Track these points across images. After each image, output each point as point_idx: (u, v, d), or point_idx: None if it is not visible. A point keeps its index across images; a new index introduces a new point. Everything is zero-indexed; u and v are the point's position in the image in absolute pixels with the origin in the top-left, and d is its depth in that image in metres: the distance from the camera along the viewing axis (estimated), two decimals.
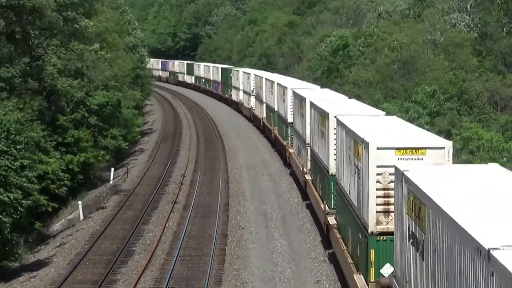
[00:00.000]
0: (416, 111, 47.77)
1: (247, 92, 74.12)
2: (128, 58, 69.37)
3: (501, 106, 50.65)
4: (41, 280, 29.07)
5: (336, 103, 32.86)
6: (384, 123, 25.22)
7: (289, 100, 46.29)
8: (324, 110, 30.01)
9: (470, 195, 13.74)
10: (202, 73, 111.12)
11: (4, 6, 43.14)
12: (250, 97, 71.67)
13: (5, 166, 32.44)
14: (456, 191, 14.14)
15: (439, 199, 13.47)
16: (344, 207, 24.63)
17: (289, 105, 46.56)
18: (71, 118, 47.80)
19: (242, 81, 77.64)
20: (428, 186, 14.52)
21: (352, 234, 23.09)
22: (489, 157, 37.60)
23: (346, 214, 24.29)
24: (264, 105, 61.77)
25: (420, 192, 14.60)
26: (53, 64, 45.65)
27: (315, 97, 36.60)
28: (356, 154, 22.00)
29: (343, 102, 34.63)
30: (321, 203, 30.54)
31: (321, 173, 31.38)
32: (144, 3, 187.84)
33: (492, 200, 13.24)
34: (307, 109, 36.37)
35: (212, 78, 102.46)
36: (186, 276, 27.80)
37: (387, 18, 74.28)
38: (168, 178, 46.91)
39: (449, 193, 13.91)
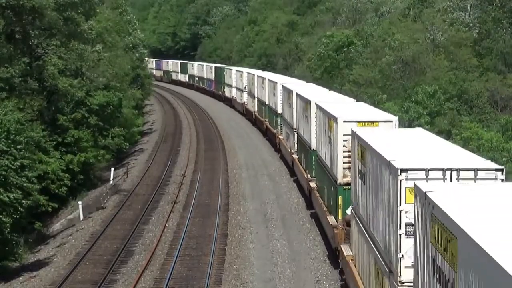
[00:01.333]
0: (416, 111, 47.76)
1: (239, 88, 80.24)
2: (127, 57, 69.37)
3: (501, 106, 50.63)
4: (41, 280, 29.06)
5: (318, 94, 39.33)
6: (352, 106, 32.24)
7: (279, 93, 52.39)
8: (308, 98, 36.71)
9: (391, 142, 20.71)
10: (196, 71, 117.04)
11: (4, 6, 43.13)
12: (243, 93, 77.71)
13: (5, 166, 32.44)
14: (383, 140, 20.80)
15: (373, 142, 20.14)
16: (322, 172, 31.57)
17: (279, 98, 52.58)
18: (71, 118, 47.80)
19: (234, 78, 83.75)
20: (367, 136, 21.26)
21: (327, 190, 29.84)
22: (489, 157, 37.60)
23: (322, 176, 31.28)
24: (256, 99, 67.69)
25: (362, 141, 21.23)
26: (53, 64, 45.65)
27: (301, 90, 42.47)
28: (329, 128, 28.52)
29: (323, 93, 40.92)
30: (304, 173, 37.22)
31: (305, 150, 38.13)
32: (144, 3, 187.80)
33: (401, 143, 20.63)
34: (294, 100, 42.71)
35: (206, 76, 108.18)
36: (186, 276, 27.80)
37: (387, 18, 74.26)
38: (168, 178, 46.94)
39: (379, 140, 20.45)
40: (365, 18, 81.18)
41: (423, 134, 22.22)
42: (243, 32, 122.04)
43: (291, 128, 44.39)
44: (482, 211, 12.00)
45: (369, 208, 20.34)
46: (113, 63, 57.45)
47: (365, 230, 20.92)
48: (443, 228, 12.23)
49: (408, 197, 16.11)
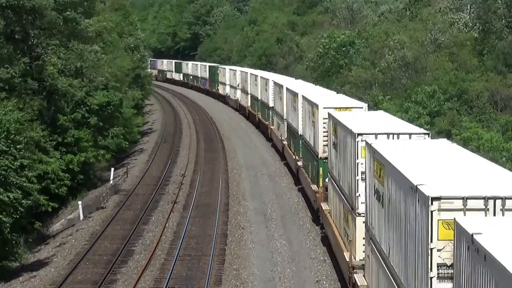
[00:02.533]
0: (416, 111, 47.77)
1: (233, 86, 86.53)
2: (127, 58, 69.37)
3: (501, 106, 50.61)
4: (41, 280, 29.07)
5: (304, 88, 45.58)
6: (331, 97, 38.69)
7: (271, 89, 58.28)
8: (296, 91, 42.82)
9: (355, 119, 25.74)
10: (190, 71, 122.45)
11: (4, 6, 43.12)
12: (236, 90, 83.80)
13: (5, 166, 32.42)
14: (350, 118, 25.84)
15: (343, 120, 25.70)
16: (306, 152, 37.93)
17: (270, 93, 58.58)
18: (71, 118, 47.79)
19: (228, 77, 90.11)
20: (339, 116, 26.90)
21: (310, 165, 36.09)
22: (489, 157, 37.61)
23: (307, 155, 37.64)
24: (249, 95, 73.87)
25: (335, 120, 26.99)
26: (53, 64, 45.64)
27: (290, 85, 49.06)
28: (312, 113, 34.71)
29: (309, 87, 47.20)
30: (293, 155, 44.00)
31: (293, 136, 44.27)
32: (144, 3, 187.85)
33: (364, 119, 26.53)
34: (284, 93, 48.84)
35: (200, 75, 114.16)
36: (186, 276, 27.80)
37: (387, 18, 74.27)
38: (168, 178, 46.94)
39: (347, 119, 25.75)
40: (362, 18, 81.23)
41: (382, 114, 29.25)
42: (243, 32, 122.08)
43: (282, 119, 50.73)
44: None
45: (339, 167, 26.38)
46: (112, 63, 57.42)
47: (337, 185, 26.91)
48: (378, 163, 18.61)
49: (362, 153, 21.92)
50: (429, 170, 15.96)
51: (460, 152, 18.58)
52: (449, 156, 17.95)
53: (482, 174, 15.43)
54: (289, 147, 45.97)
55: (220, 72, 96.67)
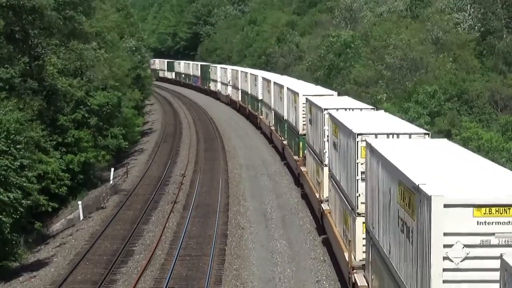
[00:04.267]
0: (416, 111, 47.75)
1: (224, 83, 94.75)
2: (128, 58, 69.35)
3: (501, 106, 50.58)
4: (41, 280, 29.06)
5: (289, 81, 53.37)
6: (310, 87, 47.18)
7: (260, 84, 66.25)
8: (282, 84, 51.25)
9: (325, 102, 33.00)
10: (182, 69, 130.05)
11: (4, 6, 43.12)
12: (227, 86, 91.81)
13: (5, 166, 32.41)
14: (321, 101, 33.20)
15: (316, 101, 32.63)
16: (290, 133, 46.41)
17: (259, 87, 66.52)
18: (71, 118, 47.78)
19: (219, 74, 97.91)
20: (313, 99, 33.07)
21: (293, 142, 44.41)
22: (489, 157, 37.58)
23: (291, 135, 46.13)
24: (240, 91, 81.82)
25: (310, 102, 34.99)
26: (53, 64, 45.62)
27: (277, 79, 57.58)
28: (294, 100, 43.48)
29: (293, 81, 54.81)
30: (279, 137, 52.08)
31: (279, 121, 52.19)
32: (144, 3, 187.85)
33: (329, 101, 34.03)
34: (272, 87, 57.11)
35: (192, 73, 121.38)
36: (186, 276, 27.80)
37: (385, 19, 74.26)
38: (168, 178, 46.94)
39: (319, 101, 32.35)
40: (361, 18, 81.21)
41: (347, 99, 36.47)
42: (243, 32, 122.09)
43: (270, 108, 58.64)
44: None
45: (313, 136, 35.11)
46: (112, 63, 57.40)
47: (312, 150, 35.19)
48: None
49: (327, 122, 29.39)
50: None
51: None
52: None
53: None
54: (276, 131, 54.34)
55: (211, 70, 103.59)
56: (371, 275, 19.65)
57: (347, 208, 24.01)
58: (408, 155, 17.43)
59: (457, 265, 13.19)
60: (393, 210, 16.37)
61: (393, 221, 16.43)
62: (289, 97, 46.24)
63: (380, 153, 17.86)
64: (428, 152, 18.09)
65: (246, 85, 75.59)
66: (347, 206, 24.03)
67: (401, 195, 15.50)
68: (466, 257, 13.14)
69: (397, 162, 16.33)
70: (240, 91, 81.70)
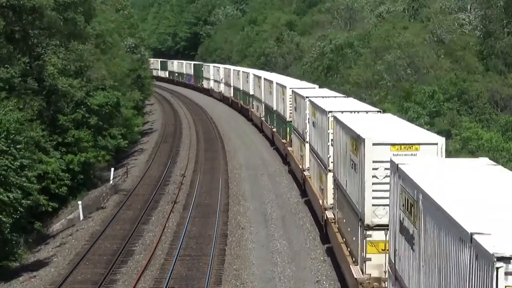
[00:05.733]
0: (415, 111, 47.73)
1: (217, 80, 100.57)
2: (127, 58, 69.32)
3: (501, 106, 50.56)
4: (41, 280, 29.06)
5: (277, 77, 60.66)
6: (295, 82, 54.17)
7: (251, 80, 72.17)
8: (271, 80, 58.40)
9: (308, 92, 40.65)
10: (176, 68, 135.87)
11: (4, 6, 43.12)
12: (220, 83, 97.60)
13: (5, 165, 32.41)
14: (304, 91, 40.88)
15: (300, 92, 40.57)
16: (279, 121, 52.72)
17: (251, 83, 72.40)
18: (71, 118, 47.78)
19: (212, 73, 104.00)
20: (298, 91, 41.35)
21: (282, 129, 50.88)
22: (489, 158, 37.55)
23: (279, 123, 52.46)
24: (232, 87, 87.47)
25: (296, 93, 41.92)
26: (53, 64, 45.63)
27: (267, 76, 64.73)
28: (282, 93, 50.00)
29: (281, 77, 62.06)
30: (269, 126, 58.61)
31: (270, 113, 58.83)
32: (144, 3, 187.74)
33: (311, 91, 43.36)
34: (262, 83, 63.16)
35: (185, 72, 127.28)
36: (186, 276, 27.80)
37: (384, 19, 74.29)
38: (168, 178, 46.95)
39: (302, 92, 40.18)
40: (362, 18, 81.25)
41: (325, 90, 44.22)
42: (243, 32, 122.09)
43: (260, 102, 65.00)
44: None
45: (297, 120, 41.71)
46: (112, 63, 57.39)
47: (297, 132, 41.74)
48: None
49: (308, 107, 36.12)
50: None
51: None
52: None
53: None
54: (266, 121, 61.23)
55: (204, 69, 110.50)
56: (337, 210, 27.64)
57: (322, 169, 31.71)
58: (360, 122, 24.63)
59: (381, 180, 20.56)
60: (348, 156, 23.96)
61: (348, 164, 23.91)
62: (278, 90, 52.89)
63: (342, 121, 25.39)
64: (375, 120, 26.40)
65: (238, 82, 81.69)
66: (321, 167, 31.69)
67: (352, 145, 23.22)
68: (386, 175, 19.66)
69: (351, 125, 23.76)
70: (232, 88, 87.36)
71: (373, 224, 20.69)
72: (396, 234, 16.65)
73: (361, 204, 21.26)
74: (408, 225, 15.33)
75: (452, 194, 13.26)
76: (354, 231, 22.65)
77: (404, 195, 15.71)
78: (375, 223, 20.61)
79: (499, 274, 9.59)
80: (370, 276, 20.79)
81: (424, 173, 15.35)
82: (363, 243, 21.08)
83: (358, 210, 21.80)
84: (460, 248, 11.28)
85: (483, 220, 11.12)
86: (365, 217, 20.82)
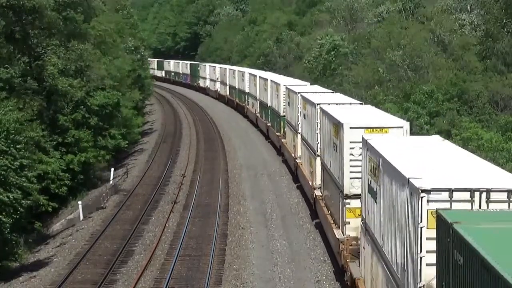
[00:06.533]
0: (415, 111, 47.73)
1: (213, 79, 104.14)
2: (127, 58, 69.31)
3: (502, 106, 50.55)
4: (41, 280, 29.06)
5: (272, 76, 64.11)
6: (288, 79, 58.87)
7: (247, 79, 76.05)
8: (266, 78, 62.20)
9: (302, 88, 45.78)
10: (172, 68, 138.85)
11: (4, 6, 43.12)
12: (216, 82, 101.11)
13: (5, 166, 32.41)
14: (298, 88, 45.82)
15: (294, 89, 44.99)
16: (273, 116, 56.79)
17: (246, 82, 76.23)
18: (71, 118, 47.78)
19: (208, 72, 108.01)
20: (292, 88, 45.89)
21: (276, 123, 54.84)
22: (488, 158, 37.59)
23: (274, 118, 56.47)
24: (228, 86, 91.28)
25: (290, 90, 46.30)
26: (53, 64, 45.63)
27: (262, 74, 68.94)
28: (277, 90, 53.79)
29: (275, 76, 65.47)
30: (264, 121, 62.67)
31: (265, 109, 62.68)
32: (144, 3, 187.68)
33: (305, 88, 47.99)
34: (258, 81, 67.51)
35: (182, 71, 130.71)
36: (186, 276, 27.80)
37: (384, 19, 74.32)
38: (168, 178, 46.95)
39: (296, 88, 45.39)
40: (362, 18, 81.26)
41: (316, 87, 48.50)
42: (243, 32, 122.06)
43: (256, 99, 69.14)
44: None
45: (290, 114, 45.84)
46: (111, 63, 57.38)
47: (290, 125, 45.49)
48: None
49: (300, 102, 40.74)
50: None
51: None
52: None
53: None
54: (261, 117, 65.64)
55: (201, 68, 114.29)
56: (324, 189, 31.61)
57: (311, 154, 35.82)
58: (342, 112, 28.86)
59: (356, 157, 24.46)
60: (331, 140, 28.40)
61: (332, 147, 28.31)
62: (272, 87, 56.98)
63: (327, 111, 30.06)
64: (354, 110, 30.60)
65: (234, 80, 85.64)
66: (311, 153, 35.83)
67: (334, 130, 27.73)
68: (360, 153, 22.89)
69: (334, 114, 28.20)
70: (228, 86, 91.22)
71: (350, 194, 25.31)
72: (366, 195, 21.11)
73: (341, 178, 25.90)
74: (373, 184, 19.84)
75: (402, 157, 17.97)
76: (336, 202, 27.25)
77: (371, 163, 20.17)
78: (352, 193, 25.19)
79: (423, 202, 14.49)
80: (349, 236, 24.95)
81: (385, 145, 19.78)
82: (343, 210, 25.78)
83: (339, 183, 26.37)
84: (402, 190, 16.07)
85: (418, 171, 15.92)
86: (344, 188, 25.51)
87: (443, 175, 15.50)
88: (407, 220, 15.61)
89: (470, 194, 14.32)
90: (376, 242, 19.26)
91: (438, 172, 15.91)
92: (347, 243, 24.44)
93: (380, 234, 18.73)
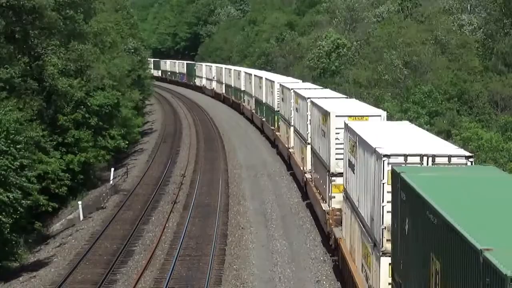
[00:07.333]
0: (415, 111, 47.74)
1: (209, 78, 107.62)
2: (127, 58, 69.26)
3: (501, 106, 50.56)
4: (41, 280, 29.06)
5: (266, 74, 68.16)
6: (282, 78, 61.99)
7: (243, 77, 78.71)
8: (261, 76, 66.18)
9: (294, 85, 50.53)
10: (168, 67, 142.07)
11: (4, 6, 43.11)
12: (212, 81, 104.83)
13: (5, 166, 32.40)
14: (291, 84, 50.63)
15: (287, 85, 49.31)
16: (268, 111, 60.21)
17: (242, 80, 79.01)
18: (71, 118, 47.76)
19: (204, 71, 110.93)
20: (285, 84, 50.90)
21: (270, 118, 58.35)
22: (488, 157, 37.59)
23: (268, 113, 60.09)
24: (224, 85, 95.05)
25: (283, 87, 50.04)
26: (53, 64, 45.61)
27: (257, 73, 72.59)
28: (271, 87, 57.90)
29: (270, 74, 70.00)
30: (259, 116, 66.53)
31: (260, 105, 66.32)
32: (144, 3, 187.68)
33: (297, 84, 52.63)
34: (253, 79, 71.31)
35: (178, 71, 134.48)
36: (186, 276, 27.80)
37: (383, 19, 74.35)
38: (168, 178, 46.95)
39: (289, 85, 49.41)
40: (363, 18, 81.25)
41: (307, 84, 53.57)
42: (243, 32, 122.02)
43: (251, 96, 72.73)
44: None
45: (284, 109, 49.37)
46: (111, 63, 57.34)
47: (284, 119, 49.21)
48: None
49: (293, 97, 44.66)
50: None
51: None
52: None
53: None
54: (256, 113, 69.33)
55: (197, 68, 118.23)
56: (314, 172, 35.60)
57: (302, 143, 39.49)
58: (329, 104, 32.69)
59: (341, 141, 27.68)
60: (320, 128, 32.42)
61: (320, 134, 32.38)
62: (267, 85, 61.24)
63: (317, 103, 34.30)
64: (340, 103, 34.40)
65: (230, 79, 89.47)
66: (302, 142, 39.46)
67: (322, 119, 31.72)
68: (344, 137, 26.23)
69: (323, 105, 32.27)
70: (224, 85, 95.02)
71: (336, 172, 29.27)
72: (347, 169, 25.23)
73: (328, 159, 30.03)
74: (352, 159, 23.88)
75: (373, 135, 21.95)
76: (324, 180, 31.31)
77: (350, 142, 24.20)
78: (337, 171, 29.05)
79: (384, 164, 18.61)
80: (334, 208, 28.74)
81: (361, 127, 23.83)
82: (329, 186, 29.78)
83: (326, 164, 30.50)
84: (371, 157, 20.16)
85: (384, 143, 20.17)
86: (330, 168, 29.67)
87: (401, 146, 19.85)
88: (374, 180, 19.66)
89: (420, 158, 18.64)
90: (353, 205, 23.43)
91: (398, 144, 20.29)
92: (332, 214, 28.61)
93: (356, 197, 22.79)
